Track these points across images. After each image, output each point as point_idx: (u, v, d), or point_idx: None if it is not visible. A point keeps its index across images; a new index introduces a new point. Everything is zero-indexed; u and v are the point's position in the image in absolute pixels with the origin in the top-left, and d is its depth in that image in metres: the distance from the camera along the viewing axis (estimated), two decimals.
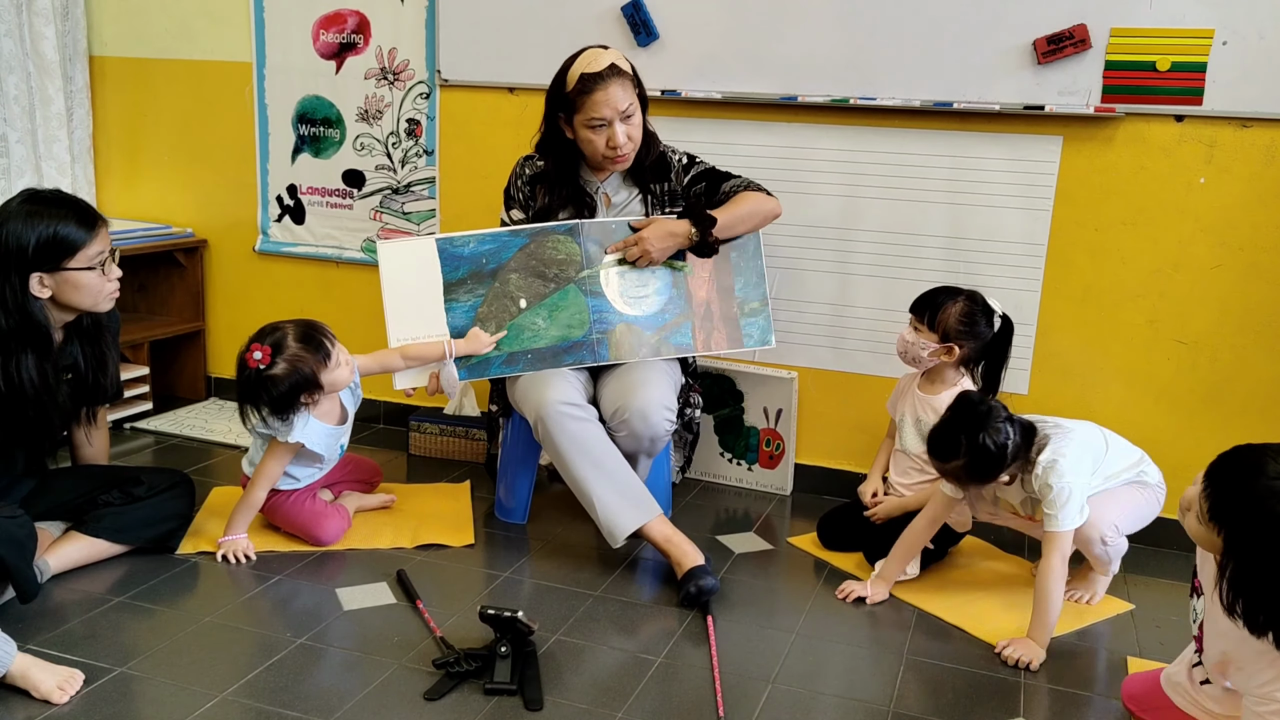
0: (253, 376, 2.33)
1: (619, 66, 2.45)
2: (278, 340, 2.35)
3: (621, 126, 2.46)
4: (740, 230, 2.58)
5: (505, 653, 1.93)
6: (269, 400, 2.34)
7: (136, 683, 1.90)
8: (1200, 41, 2.50)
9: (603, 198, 2.62)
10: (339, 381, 2.43)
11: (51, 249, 2.15)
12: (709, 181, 2.62)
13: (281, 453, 2.42)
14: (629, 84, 2.46)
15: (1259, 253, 2.58)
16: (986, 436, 2.14)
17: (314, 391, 2.38)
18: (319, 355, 2.36)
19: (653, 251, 2.52)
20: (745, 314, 2.66)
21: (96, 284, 2.22)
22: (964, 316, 2.47)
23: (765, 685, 1.99)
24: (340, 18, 3.26)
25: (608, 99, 2.42)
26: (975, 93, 2.67)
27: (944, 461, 2.20)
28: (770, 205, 2.60)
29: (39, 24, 3.36)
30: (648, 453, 2.54)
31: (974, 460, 2.16)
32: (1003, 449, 2.16)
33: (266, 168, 3.46)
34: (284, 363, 2.33)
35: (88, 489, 2.39)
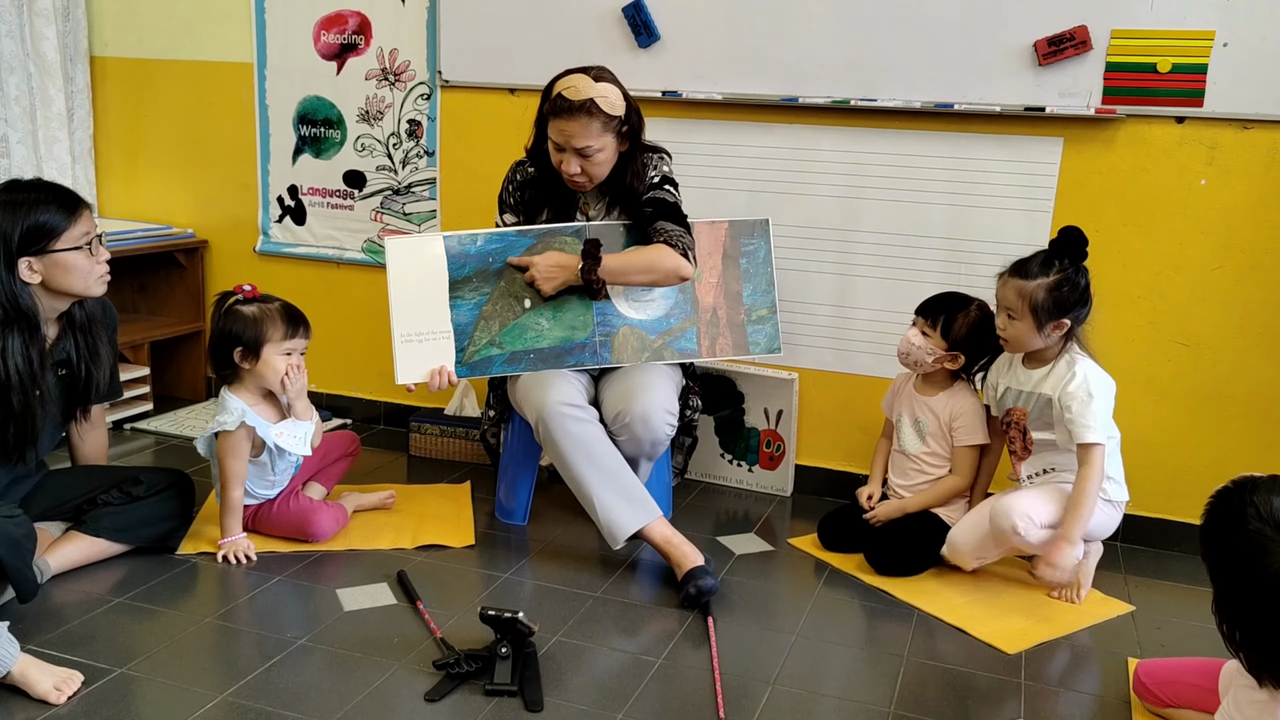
0: (226, 298, 2.44)
1: (596, 105, 2.37)
2: (268, 296, 2.48)
3: (576, 160, 2.43)
4: (633, 280, 2.50)
5: (506, 654, 1.93)
6: (217, 329, 2.42)
7: (136, 683, 1.90)
8: (1201, 43, 2.50)
9: (583, 207, 2.62)
10: (270, 368, 2.41)
11: (36, 232, 2.16)
12: (655, 210, 2.52)
13: (234, 446, 2.39)
14: (600, 123, 2.40)
15: (1260, 254, 2.58)
16: (1080, 272, 2.27)
17: (250, 355, 2.40)
18: (283, 328, 2.43)
19: (538, 279, 2.49)
20: (752, 320, 2.66)
21: (85, 265, 2.22)
22: (974, 326, 2.50)
23: (766, 686, 1.99)
24: (341, 18, 3.26)
25: (568, 130, 2.40)
26: (976, 94, 2.67)
27: (1032, 277, 2.28)
28: (675, 264, 2.45)
29: (40, 24, 3.37)
30: (649, 456, 2.54)
31: (1063, 283, 2.26)
32: (1085, 292, 2.28)
33: (267, 168, 3.46)
34: (255, 308, 2.43)
35: (87, 489, 2.39)
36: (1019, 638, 2.21)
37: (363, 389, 3.49)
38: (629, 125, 2.46)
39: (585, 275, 2.48)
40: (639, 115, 2.49)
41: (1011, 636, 2.22)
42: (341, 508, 2.61)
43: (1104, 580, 2.52)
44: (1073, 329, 2.34)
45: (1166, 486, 2.73)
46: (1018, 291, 2.31)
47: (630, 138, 2.49)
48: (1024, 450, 2.43)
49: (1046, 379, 2.35)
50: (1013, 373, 2.44)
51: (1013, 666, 2.12)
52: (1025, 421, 2.40)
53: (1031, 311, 2.29)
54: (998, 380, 2.47)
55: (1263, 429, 2.62)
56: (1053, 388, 2.32)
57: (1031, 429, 2.40)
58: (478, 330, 2.53)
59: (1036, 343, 2.34)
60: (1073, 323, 2.32)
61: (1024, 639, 2.21)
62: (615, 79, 2.46)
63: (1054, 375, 2.34)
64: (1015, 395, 2.41)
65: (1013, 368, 2.44)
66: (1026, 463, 2.44)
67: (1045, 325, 2.30)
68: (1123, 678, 2.08)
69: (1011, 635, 2.22)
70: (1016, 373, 2.42)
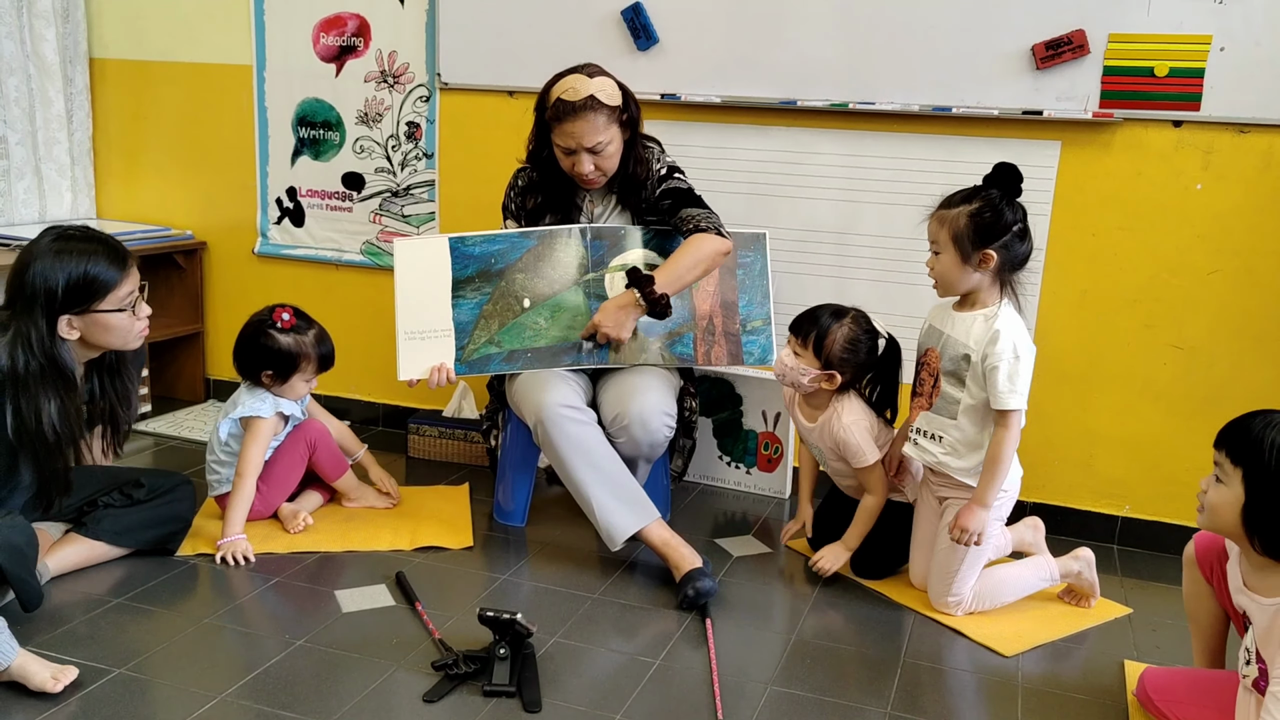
0: (265, 320, 2.52)
1: (597, 100, 2.40)
2: (307, 325, 2.57)
3: (589, 158, 2.45)
4: (687, 280, 2.51)
5: (504, 655, 1.94)
6: (245, 344, 2.51)
7: (136, 684, 1.90)
8: (1198, 48, 2.51)
9: (588, 205, 2.63)
10: (293, 392, 2.57)
11: (81, 290, 2.08)
12: (674, 200, 2.56)
13: (263, 431, 2.50)
14: (605, 117, 2.42)
15: (1255, 258, 2.59)
16: (1009, 206, 2.15)
17: (275, 380, 2.53)
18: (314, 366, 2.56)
19: (611, 332, 2.49)
20: (748, 331, 2.67)
21: (126, 324, 2.17)
22: (848, 343, 2.37)
23: (764, 687, 1.99)
24: (340, 20, 3.26)
25: (576, 131, 2.41)
26: (974, 97, 2.68)
27: (954, 205, 2.18)
28: (715, 246, 2.49)
29: (40, 26, 3.37)
30: (647, 458, 2.55)
31: (985, 209, 2.14)
32: (1009, 226, 2.14)
33: (266, 170, 3.47)
34: (292, 339, 2.51)
35: (88, 491, 2.38)
36: (1016, 640, 2.22)
37: (361, 390, 3.49)
38: (628, 114, 2.49)
39: (648, 298, 2.44)
40: (636, 104, 2.53)
41: (1009, 639, 2.22)
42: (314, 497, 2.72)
43: (1101, 583, 2.53)
44: (1005, 272, 2.18)
45: (1163, 490, 2.74)
46: (939, 221, 2.19)
47: (630, 126, 2.51)
48: (928, 400, 2.28)
49: (969, 331, 2.19)
50: (943, 313, 2.29)
51: (1010, 669, 2.12)
52: (938, 366, 2.25)
53: (954, 241, 2.15)
54: (928, 318, 2.34)
55: None
56: (975, 344, 2.18)
57: (943, 380, 2.24)
58: (478, 329, 2.55)
59: (966, 280, 2.19)
60: (1002, 261, 2.16)
61: (1021, 641, 2.22)
62: (606, 72, 2.49)
63: (975, 330, 2.19)
64: (937, 337, 2.26)
65: (945, 308, 2.29)
66: (924, 415, 2.29)
67: (970, 257, 2.15)
68: (1119, 680, 2.09)
69: (1009, 637, 2.23)
70: (946, 313, 2.28)
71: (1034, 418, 2.78)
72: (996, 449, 2.19)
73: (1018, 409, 2.16)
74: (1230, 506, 1.65)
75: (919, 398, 2.32)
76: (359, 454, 2.81)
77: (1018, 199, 2.17)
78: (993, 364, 2.15)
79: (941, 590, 2.30)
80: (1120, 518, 2.79)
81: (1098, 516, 2.81)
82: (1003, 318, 2.18)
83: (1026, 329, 2.22)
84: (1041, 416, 2.79)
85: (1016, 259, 2.19)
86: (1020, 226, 2.17)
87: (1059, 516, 2.82)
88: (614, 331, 2.49)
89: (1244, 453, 1.64)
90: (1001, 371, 2.14)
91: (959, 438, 2.24)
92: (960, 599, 2.29)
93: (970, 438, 2.23)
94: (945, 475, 2.28)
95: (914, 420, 2.33)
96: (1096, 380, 2.76)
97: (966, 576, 2.29)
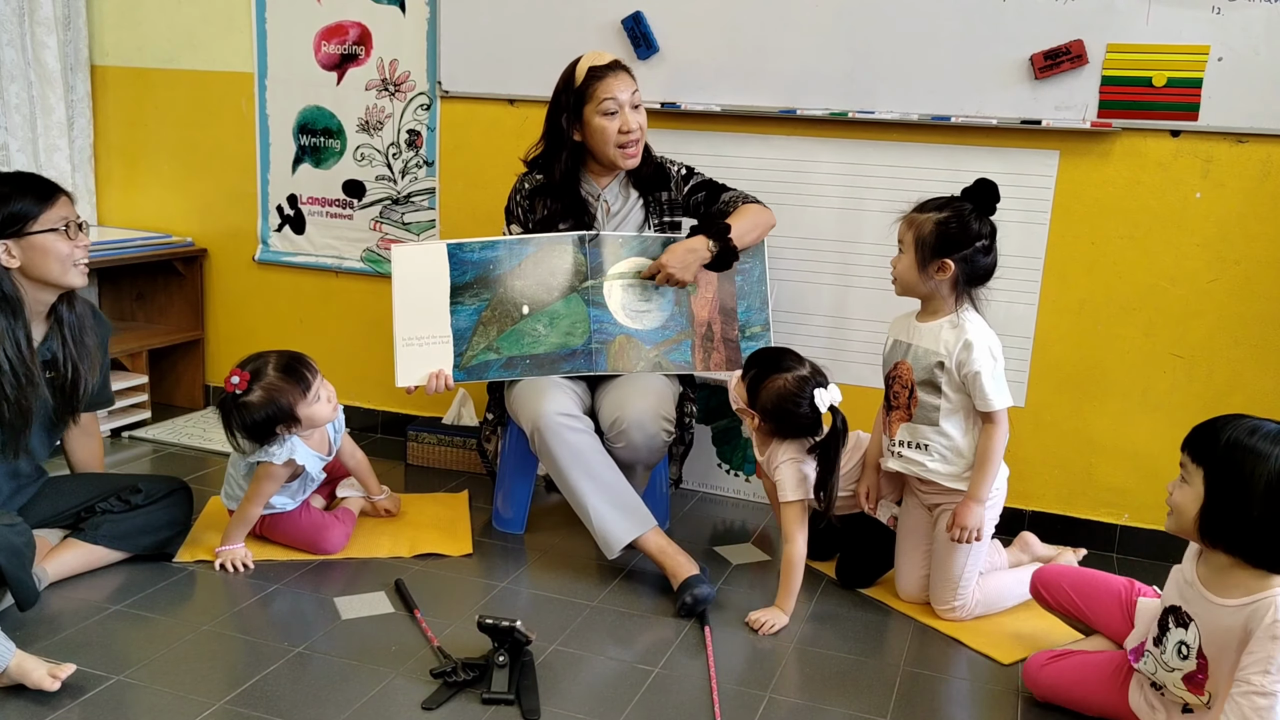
0: (229, 401, 2.36)
1: (622, 63, 2.56)
2: (258, 368, 2.37)
3: (633, 114, 2.52)
4: (749, 239, 2.60)
5: (503, 662, 1.94)
6: (242, 427, 2.36)
7: (133, 691, 1.90)
8: (1196, 57, 2.52)
9: (603, 205, 2.64)
10: (318, 416, 2.42)
11: (14, 216, 2.17)
12: (708, 192, 2.66)
13: (275, 475, 2.41)
14: (631, 76, 2.55)
15: (1254, 267, 2.59)
16: (978, 220, 2.18)
17: (290, 424, 2.38)
18: (298, 387, 2.37)
19: (676, 273, 2.53)
20: (746, 337, 2.68)
21: (64, 249, 2.22)
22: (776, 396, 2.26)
23: (763, 695, 1.99)
24: (342, 29, 3.27)
25: (615, 85, 2.50)
26: (973, 107, 2.69)
27: (926, 211, 2.20)
28: (769, 216, 2.64)
29: (41, 33, 3.38)
30: (645, 464, 2.55)
31: (952, 220, 2.17)
32: (973, 239, 2.17)
33: (267, 177, 3.47)
34: (260, 391, 2.34)
35: (86, 496, 2.39)
36: (1014, 648, 2.22)
37: (361, 398, 3.49)
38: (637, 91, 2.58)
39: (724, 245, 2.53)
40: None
41: (1007, 647, 2.22)
42: (350, 514, 2.62)
43: None
44: (962, 283, 2.19)
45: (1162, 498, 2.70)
46: (908, 222, 2.23)
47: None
48: (907, 412, 2.27)
49: (938, 338, 2.22)
50: (905, 325, 2.31)
51: (1008, 677, 2.12)
52: (911, 377, 2.26)
53: (916, 244, 2.19)
54: (891, 333, 2.36)
55: None
56: (945, 350, 2.20)
57: (919, 390, 2.25)
58: (476, 335, 2.55)
59: (922, 286, 2.22)
60: (961, 273, 2.17)
61: (1019, 649, 2.22)
62: None
63: (943, 338, 2.21)
64: (904, 349, 2.29)
65: (908, 320, 2.31)
66: (905, 427, 2.28)
67: (928, 263, 2.18)
68: None
69: (1007, 646, 2.23)
70: (909, 325, 2.30)
71: (1033, 426, 2.79)
72: (987, 445, 2.21)
73: (1005, 407, 2.20)
74: (1191, 506, 1.69)
75: (897, 411, 2.32)
76: (377, 497, 2.73)
77: (990, 215, 2.21)
78: (974, 370, 2.18)
79: (948, 596, 2.30)
80: (1119, 526, 2.79)
81: (1097, 525, 2.81)
82: (970, 324, 2.22)
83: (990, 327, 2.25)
84: (1041, 425, 2.80)
85: (977, 273, 2.22)
86: (985, 243, 2.20)
87: (1058, 525, 2.82)
88: (679, 273, 2.53)
89: (1205, 453, 1.68)
90: (984, 376, 2.18)
91: (945, 444, 2.25)
92: (965, 603, 2.30)
93: (956, 443, 2.25)
94: (935, 484, 2.28)
95: (895, 434, 2.33)
96: (1096, 389, 2.76)
97: (969, 579, 2.30)
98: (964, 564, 2.28)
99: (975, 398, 2.20)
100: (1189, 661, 1.73)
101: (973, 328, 2.21)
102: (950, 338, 2.21)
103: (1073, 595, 2.10)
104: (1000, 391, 2.19)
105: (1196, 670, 1.72)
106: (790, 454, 2.32)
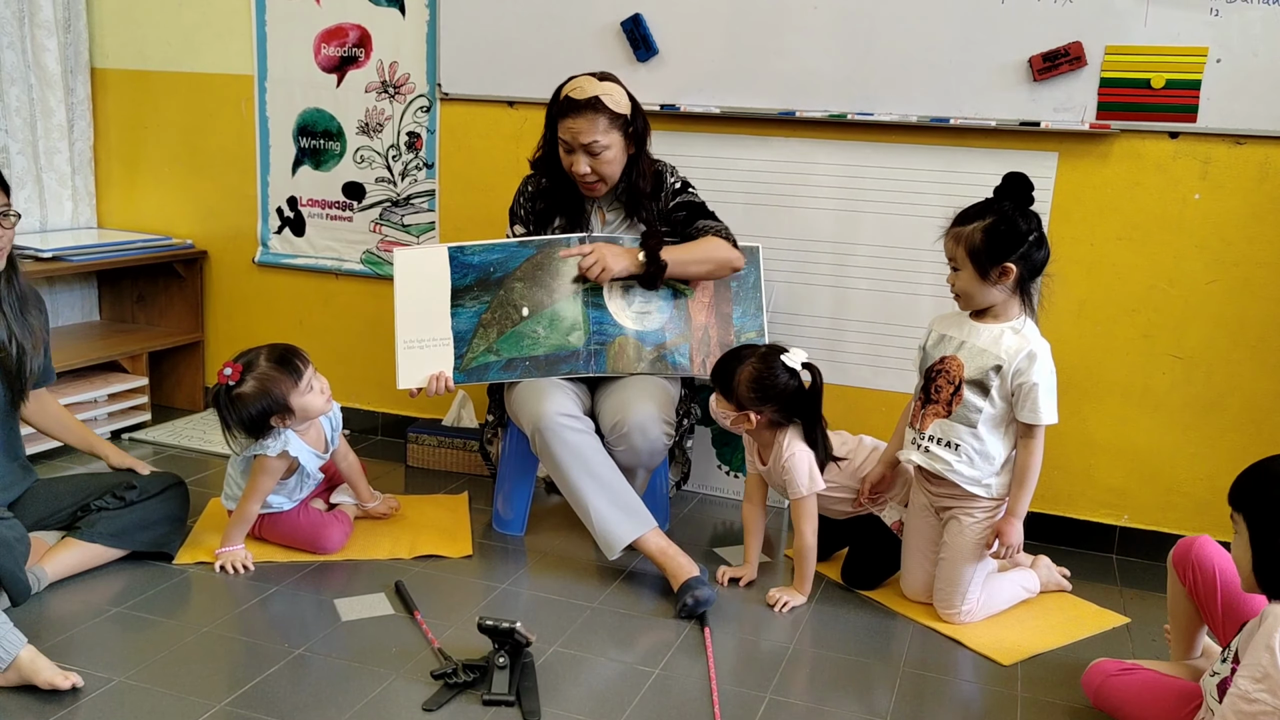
0: (222, 393, 2.36)
1: (601, 102, 2.44)
2: (250, 360, 2.38)
3: (584, 158, 2.47)
4: (692, 271, 2.56)
5: (503, 664, 1.94)
6: (237, 419, 2.36)
7: (134, 693, 1.90)
8: (1195, 59, 2.52)
9: (598, 213, 2.64)
10: (311, 407, 2.41)
11: None
12: (689, 213, 2.61)
13: (271, 468, 2.42)
14: (606, 120, 2.45)
15: (1253, 268, 2.60)
16: (1022, 216, 2.16)
17: (284, 415, 2.38)
18: (290, 377, 2.37)
19: (604, 260, 2.48)
20: (742, 343, 2.68)
21: None
22: (752, 382, 2.31)
23: (763, 697, 1.99)
24: (341, 31, 3.28)
25: (575, 128, 2.45)
26: (971, 109, 2.69)
27: (968, 222, 2.18)
28: (731, 256, 2.57)
29: (41, 36, 3.38)
30: (646, 466, 2.55)
31: (1000, 223, 2.15)
32: (1025, 236, 2.15)
33: (267, 180, 3.48)
34: (253, 381, 2.35)
35: (81, 495, 2.40)
36: (1015, 649, 2.22)
37: (361, 399, 3.50)
38: (634, 127, 2.51)
39: (650, 257, 2.48)
40: (645, 120, 2.55)
41: (1007, 648, 2.23)
42: (347, 518, 2.62)
43: (1100, 592, 2.54)
44: (1025, 282, 2.20)
45: (1161, 499, 2.75)
46: (955, 238, 2.20)
47: (636, 141, 2.53)
48: (946, 408, 2.25)
49: (998, 342, 2.20)
50: (958, 321, 2.29)
51: (1009, 678, 2.12)
52: (961, 375, 2.23)
53: (970, 257, 2.17)
54: (938, 327, 2.33)
55: (1256, 442, 2.64)
56: (1006, 355, 2.19)
57: (966, 389, 2.23)
58: (476, 337, 2.56)
59: (987, 295, 2.21)
60: (1021, 271, 2.18)
61: (1019, 651, 2.22)
62: (620, 82, 2.52)
63: (1005, 343, 2.20)
64: (955, 344, 2.26)
65: (960, 316, 2.30)
66: (940, 423, 2.27)
67: (989, 272, 2.17)
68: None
69: (1007, 647, 2.23)
70: (963, 322, 2.28)
71: None
72: (1028, 460, 2.22)
73: (1050, 423, 2.20)
74: (1245, 558, 1.65)
75: (934, 405, 2.29)
76: (370, 504, 2.72)
77: (1030, 207, 2.19)
78: (1032, 382, 2.17)
79: (955, 600, 2.30)
80: (1119, 527, 2.79)
81: (1096, 526, 2.81)
82: (1034, 335, 2.21)
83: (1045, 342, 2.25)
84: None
85: (1035, 267, 2.21)
86: (1036, 235, 2.19)
87: (1058, 526, 2.82)
88: (605, 261, 2.48)
89: (1244, 499, 1.65)
90: (1041, 389, 2.17)
91: (976, 447, 2.24)
92: (971, 607, 2.31)
93: (987, 448, 2.24)
94: (951, 485, 2.28)
95: (926, 428, 2.30)
96: (1095, 390, 2.76)
97: (977, 584, 2.31)
98: (974, 571, 2.29)
99: (1023, 409, 2.19)
100: (1226, 665, 1.69)
101: (1036, 339, 2.20)
102: (1013, 344, 2.20)
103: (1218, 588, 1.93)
104: (1051, 408, 2.19)
105: (1228, 675, 1.66)
106: (792, 448, 2.34)
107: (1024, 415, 2.19)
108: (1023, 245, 2.17)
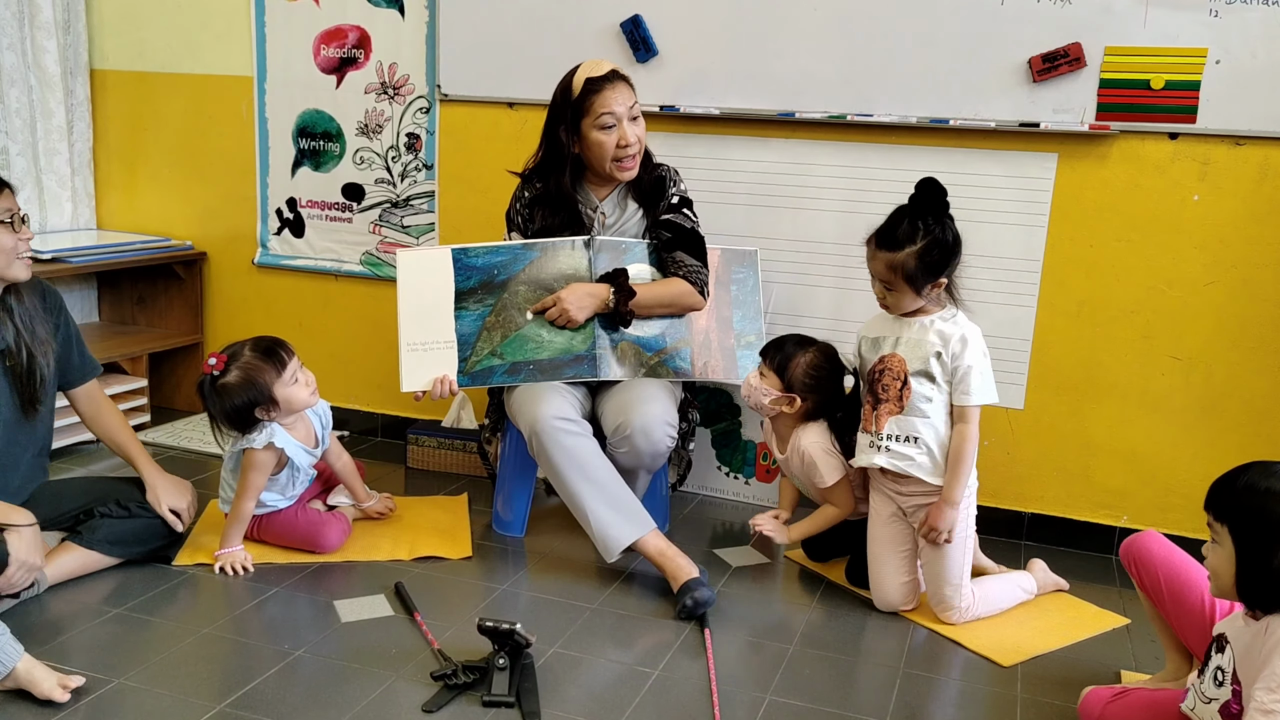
0: (207, 383, 2.37)
1: (620, 72, 2.53)
2: (234, 351, 2.41)
3: (631, 127, 2.51)
4: (656, 312, 2.59)
5: (503, 665, 1.94)
6: (221, 410, 2.37)
7: (133, 694, 1.90)
8: (1194, 60, 2.52)
9: (599, 217, 2.64)
10: (295, 399, 2.42)
11: None
12: (674, 236, 2.60)
13: (259, 462, 2.41)
14: (630, 86, 2.54)
15: (1252, 269, 2.60)
16: (945, 227, 2.21)
17: (269, 407, 2.38)
18: (274, 367, 2.38)
19: (570, 310, 2.51)
20: (741, 346, 2.69)
21: (9, 242, 2.21)
22: (812, 369, 2.42)
23: (763, 698, 1.99)
24: (341, 33, 3.28)
25: (616, 97, 2.49)
26: (971, 110, 2.69)
27: (898, 249, 2.21)
28: (692, 301, 2.60)
29: (41, 38, 3.38)
30: (648, 469, 2.55)
31: (932, 247, 2.19)
32: (954, 252, 2.21)
33: (266, 181, 3.48)
34: (237, 371, 2.36)
35: (85, 500, 2.39)
36: (1014, 650, 2.22)
37: (360, 401, 3.50)
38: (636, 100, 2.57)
39: (619, 308, 2.52)
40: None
41: (1007, 649, 2.23)
42: (345, 518, 2.62)
43: (1099, 593, 2.54)
44: (951, 282, 2.28)
45: (1160, 500, 2.75)
46: (887, 265, 2.24)
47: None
48: (898, 404, 2.27)
49: (929, 330, 2.26)
50: (886, 323, 2.34)
51: (1008, 679, 2.12)
52: (905, 370, 2.27)
53: (907, 281, 2.22)
54: (868, 332, 2.37)
55: (1255, 442, 2.64)
56: (939, 342, 2.24)
57: (912, 380, 2.26)
58: (480, 340, 2.55)
59: (918, 303, 2.28)
60: (949, 278, 2.27)
61: (1019, 652, 2.22)
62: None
63: (937, 329, 2.25)
64: (891, 343, 2.30)
65: (886, 318, 2.35)
66: (895, 420, 2.28)
67: (923, 289, 2.24)
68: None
69: (1007, 648, 2.23)
70: (892, 322, 2.32)
71: (1032, 428, 2.80)
72: (960, 444, 2.24)
73: (981, 404, 2.24)
74: (1226, 567, 1.61)
75: (885, 404, 2.30)
76: (366, 504, 2.71)
77: (947, 213, 2.23)
78: (968, 364, 2.22)
79: (949, 595, 2.30)
80: (1118, 528, 2.79)
81: (1096, 527, 2.81)
82: (964, 321, 2.27)
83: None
84: (1039, 427, 2.80)
85: (956, 267, 2.28)
86: (959, 241, 2.24)
87: (1057, 527, 2.82)
88: (573, 310, 2.51)
89: (1225, 507, 1.62)
90: (975, 370, 2.22)
91: (934, 436, 2.26)
92: (967, 602, 2.30)
93: (942, 435, 2.27)
94: (917, 483, 2.28)
95: (882, 428, 2.30)
96: (1094, 391, 2.76)
97: (964, 576, 2.30)
98: (958, 563, 2.29)
99: (957, 391, 2.24)
100: (1224, 689, 1.64)
101: (967, 324, 2.27)
102: (946, 330, 2.25)
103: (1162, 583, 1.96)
104: (983, 389, 2.23)
105: (1231, 699, 1.62)
106: (811, 435, 2.41)
107: (957, 398, 2.24)
108: (954, 259, 2.24)
